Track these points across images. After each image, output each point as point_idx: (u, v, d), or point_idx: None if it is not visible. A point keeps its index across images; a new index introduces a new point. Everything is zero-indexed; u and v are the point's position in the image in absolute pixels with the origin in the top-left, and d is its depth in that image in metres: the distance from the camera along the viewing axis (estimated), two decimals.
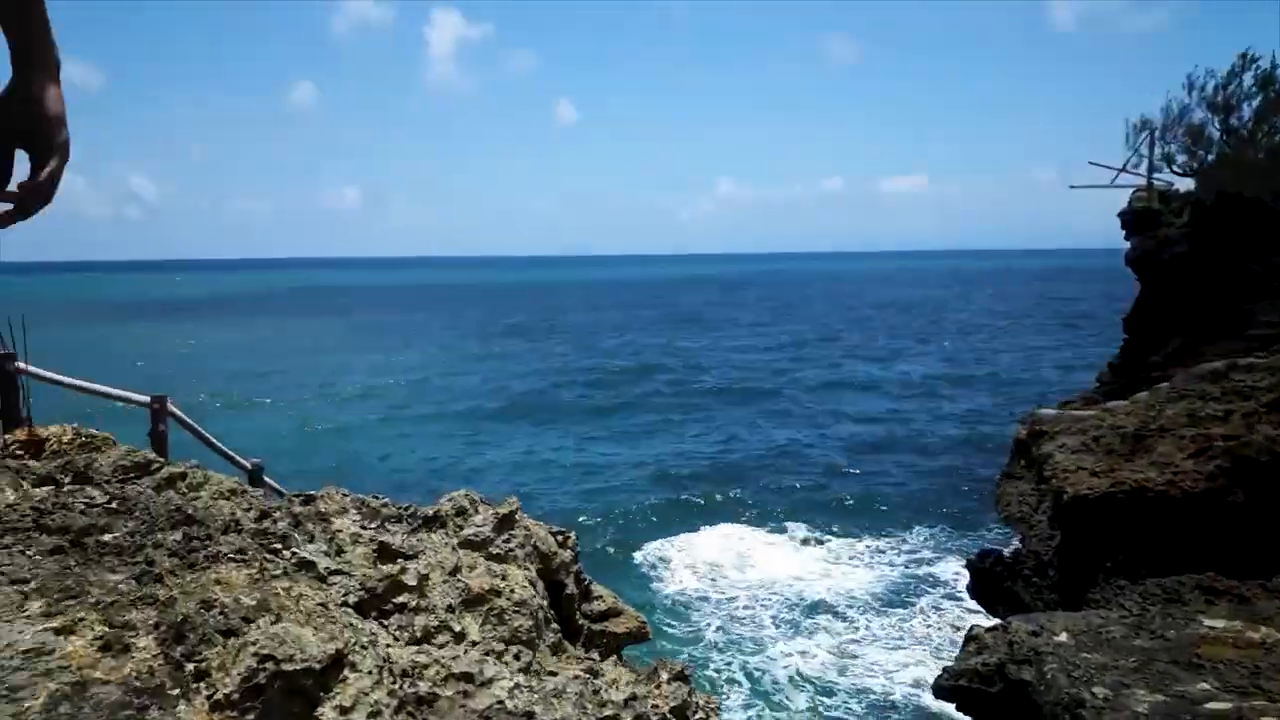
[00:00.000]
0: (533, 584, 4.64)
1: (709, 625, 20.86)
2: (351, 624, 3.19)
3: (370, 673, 2.97)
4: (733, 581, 23.22)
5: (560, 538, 5.72)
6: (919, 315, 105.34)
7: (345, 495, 4.72)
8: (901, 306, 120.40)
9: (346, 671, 2.91)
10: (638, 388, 54.23)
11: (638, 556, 25.51)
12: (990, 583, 15.49)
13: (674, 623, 20.97)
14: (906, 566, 23.05)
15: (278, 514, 4.01)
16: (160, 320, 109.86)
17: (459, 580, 4.08)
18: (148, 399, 10.23)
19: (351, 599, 3.59)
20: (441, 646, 3.66)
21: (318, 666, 2.78)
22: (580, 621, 5.61)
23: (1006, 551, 15.55)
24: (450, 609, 3.91)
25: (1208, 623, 11.71)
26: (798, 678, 17.97)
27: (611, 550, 25.88)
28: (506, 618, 4.08)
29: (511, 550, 4.92)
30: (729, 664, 18.87)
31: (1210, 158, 19.21)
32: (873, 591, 21.52)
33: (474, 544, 4.81)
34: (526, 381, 57.16)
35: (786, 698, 17.26)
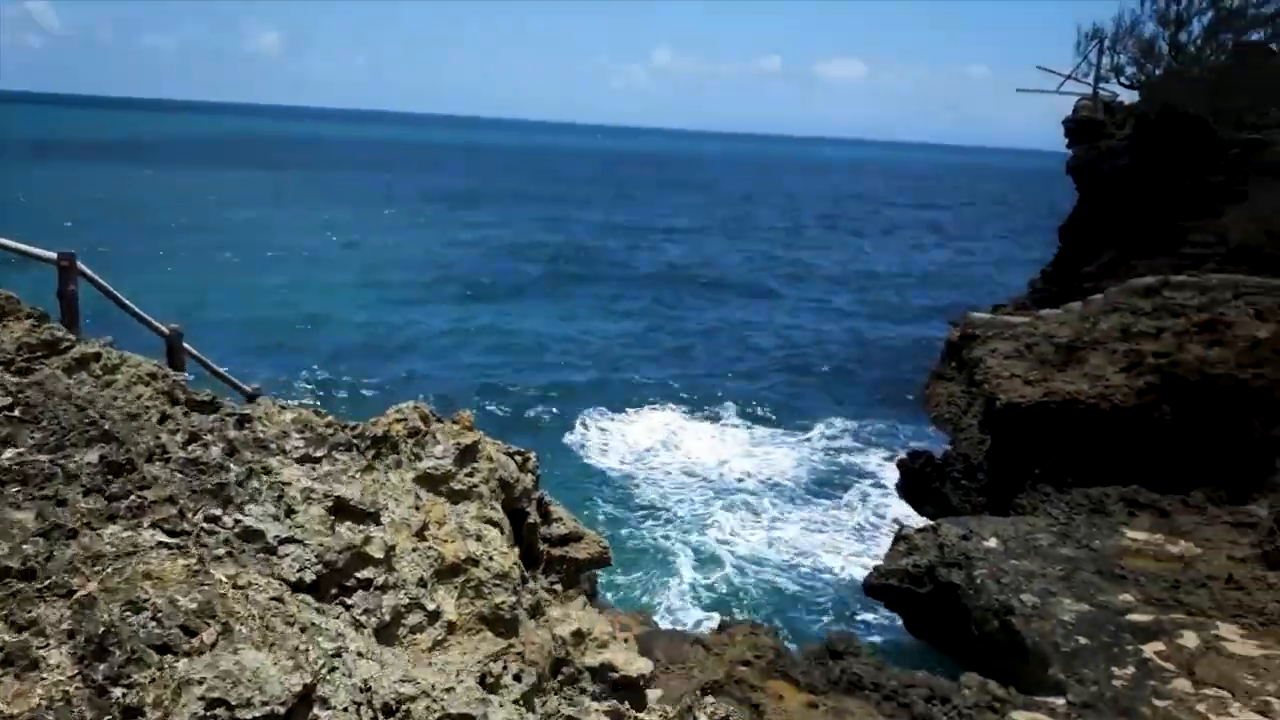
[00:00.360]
0: (499, 525, 4.26)
1: (642, 504, 21.06)
2: (314, 624, 2.62)
3: (345, 709, 2.40)
4: (664, 462, 23.38)
5: (520, 459, 5.41)
6: (855, 208, 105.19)
7: (283, 410, 4.18)
8: (838, 198, 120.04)
9: (317, 710, 2.32)
10: (571, 265, 53.44)
11: (571, 436, 25.48)
12: (920, 483, 15.78)
13: (609, 502, 21.12)
14: (833, 455, 23.39)
15: (209, 437, 3.44)
16: (65, 164, 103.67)
17: (429, 547, 3.54)
18: (54, 255, 9.50)
19: (309, 575, 3.03)
20: (417, 632, 3.17)
21: (281, 710, 2.18)
22: (541, 547, 5.38)
23: (937, 453, 15.78)
24: (421, 582, 3.43)
25: (1130, 534, 12.10)
26: (730, 555, 18.27)
27: (547, 428, 25.80)
28: (485, 592, 3.62)
29: (475, 486, 4.53)
30: (664, 540, 19.11)
31: (1158, 72, 19.11)
32: (799, 477, 21.83)
33: (434, 478, 4.37)
34: (457, 251, 55.78)
35: (721, 573, 17.54)
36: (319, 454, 3.82)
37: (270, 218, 63.15)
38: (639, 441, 25.05)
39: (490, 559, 3.70)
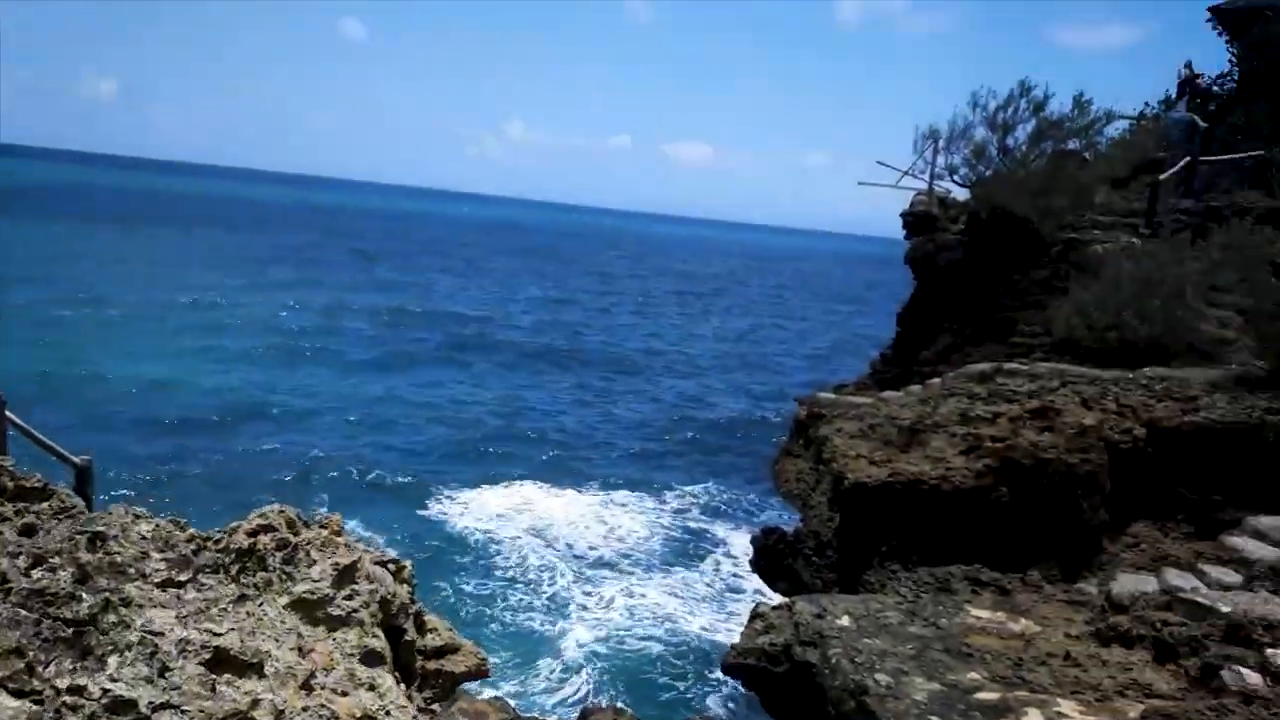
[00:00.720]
0: (384, 656, 3.96)
1: (500, 579, 20.56)
2: None
3: None
4: (522, 534, 23.04)
5: (394, 567, 5.14)
6: (707, 286, 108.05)
7: (138, 519, 3.79)
8: (691, 275, 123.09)
9: None
10: (423, 332, 52.51)
11: (425, 510, 24.77)
12: (773, 559, 15.96)
13: (467, 578, 20.51)
14: (688, 525, 23.60)
15: (57, 560, 3.03)
16: None
17: (322, 705, 3.27)
18: None
19: None
20: None
21: None
22: (418, 663, 5.07)
23: (788, 527, 16.03)
24: None
25: (974, 612, 12.51)
26: (591, 630, 17.96)
27: (402, 500, 25.04)
28: None
29: (355, 610, 4.26)
30: (524, 617, 18.62)
31: (988, 173, 20.49)
32: (654, 549, 21.89)
33: (311, 604, 4.08)
34: (308, 315, 54.08)
35: (582, 649, 17.20)
36: (183, 578, 3.45)
37: (112, 273, 59.76)
38: (496, 513, 24.60)
39: (387, 714, 3.38)
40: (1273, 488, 14.54)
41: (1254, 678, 10.11)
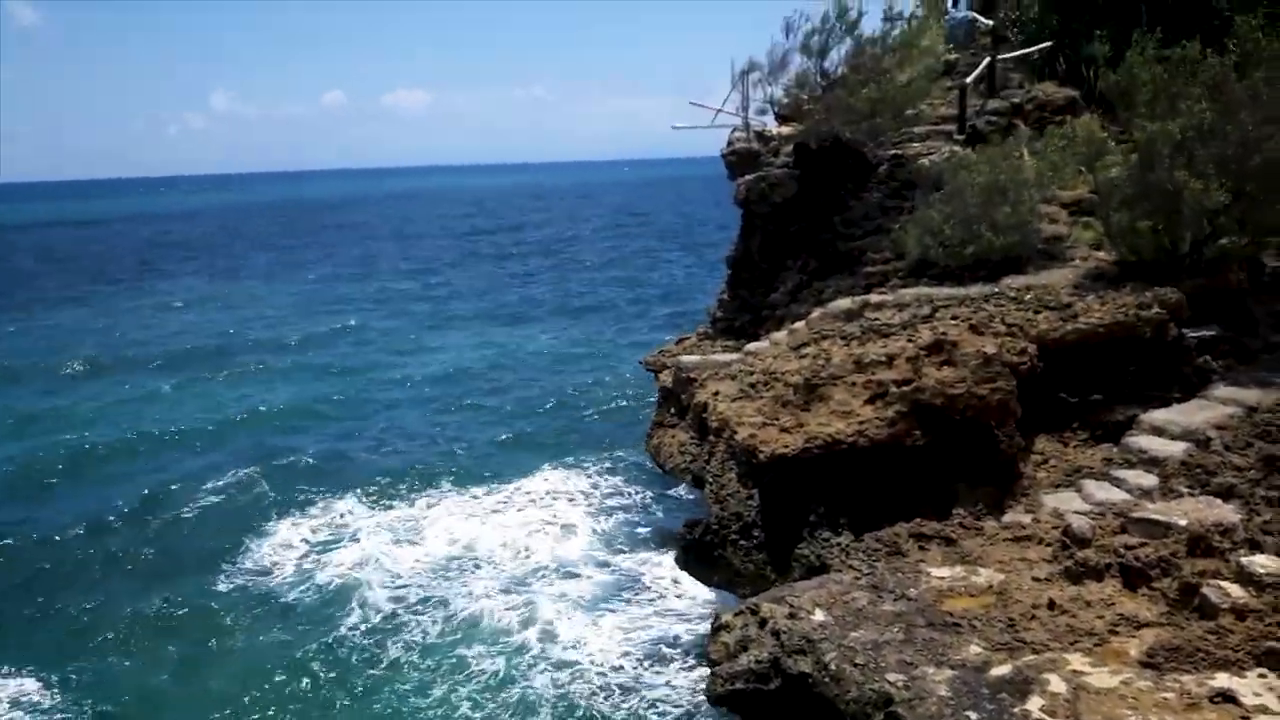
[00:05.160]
0: None
1: (385, 623, 18.57)
2: None
3: None
4: (395, 564, 20.93)
5: None
6: (485, 238, 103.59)
7: None
8: (456, 231, 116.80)
9: None
10: (185, 340, 47.39)
11: (243, 553, 22.00)
12: (702, 552, 15.03)
13: (323, 628, 18.32)
14: (588, 520, 22.31)
15: None
16: None
17: None
18: None
19: None
20: None
21: None
22: None
23: (711, 519, 15.13)
24: None
25: (934, 573, 12.07)
26: (522, 656, 16.57)
27: (222, 552, 22.04)
28: None
29: None
30: (445, 663, 16.91)
31: (810, 101, 20.00)
32: (560, 554, 20.52)
33: None
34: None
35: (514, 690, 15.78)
36: None
37: None
38: (318, 541, 22.33)
39: None
40: (1151, 383, 14.96)
41: (1236, 590, 10.13)
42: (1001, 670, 9.78)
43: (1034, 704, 9.14)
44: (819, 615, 11.11)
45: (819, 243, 19.89)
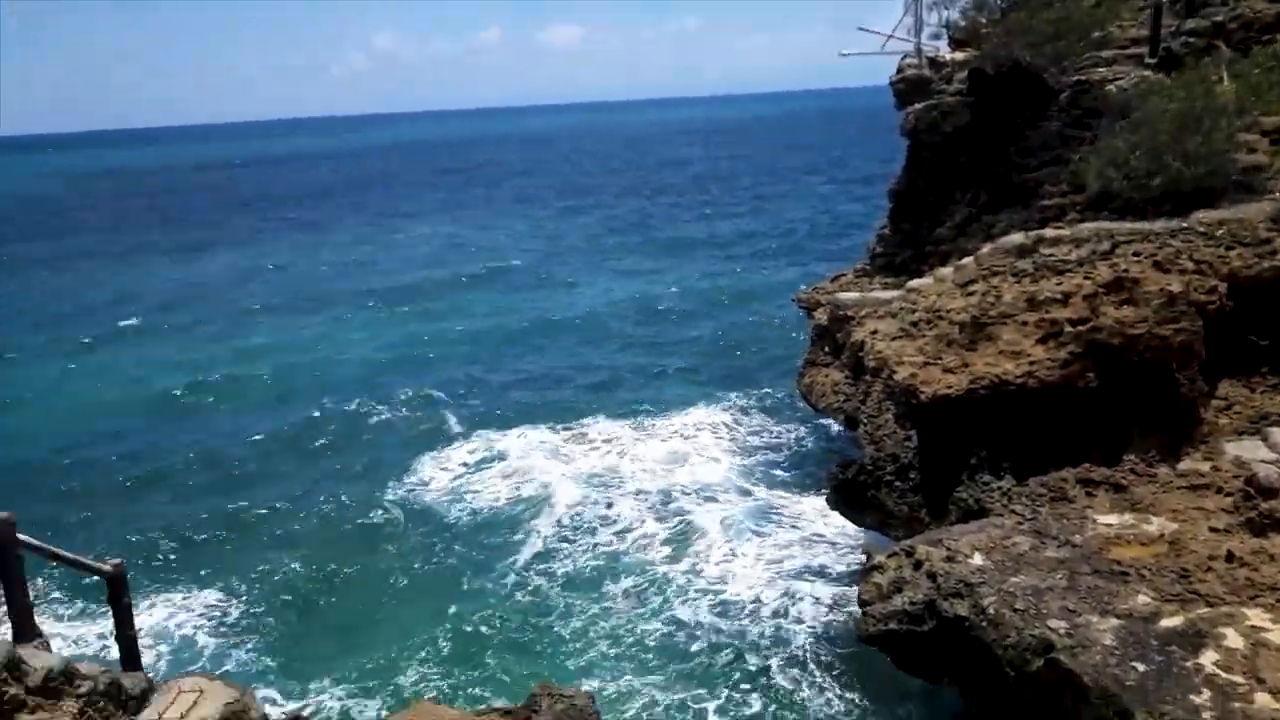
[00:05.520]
0: None
1: (535, 543, 19.23)
2: None
3: None
4: (548, 486, 21.61)
5: None
6: (639, 175, 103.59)
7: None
8: (614, 167, 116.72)
9: None
10: (352, 276, 49.58)
11: (414, 477, 23.03)
12: (855, 492, 14.85)
13: (488, 554, 19.09)
14: (737, 457, 22.43)
15: None
16: None
17: None
18: None
19: None
20: None
21: None
22: None
23: (866, 459, 14.89)
24: None
25: (1102, 520, 11.58)
26: (663, 596, 16.87)
27: (385, 475, 23.16)
28: None
29: None
30: (575, 589, 17.48)
31: (988, 25, 18.95)
32: (709, 484, 20.71)
33: None
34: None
35: (677, 626, 16.07)
36: None
37: None
38: (514, 466, 23.13)
39: None
40: None
41: None
42: (1172, 622, 9.32)
43: (1207, 658, 8.69)
44: (978, 559, 10.82)
45: (991, 174, 18.97)
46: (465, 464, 23.38)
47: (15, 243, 70.10)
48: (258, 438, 26.16)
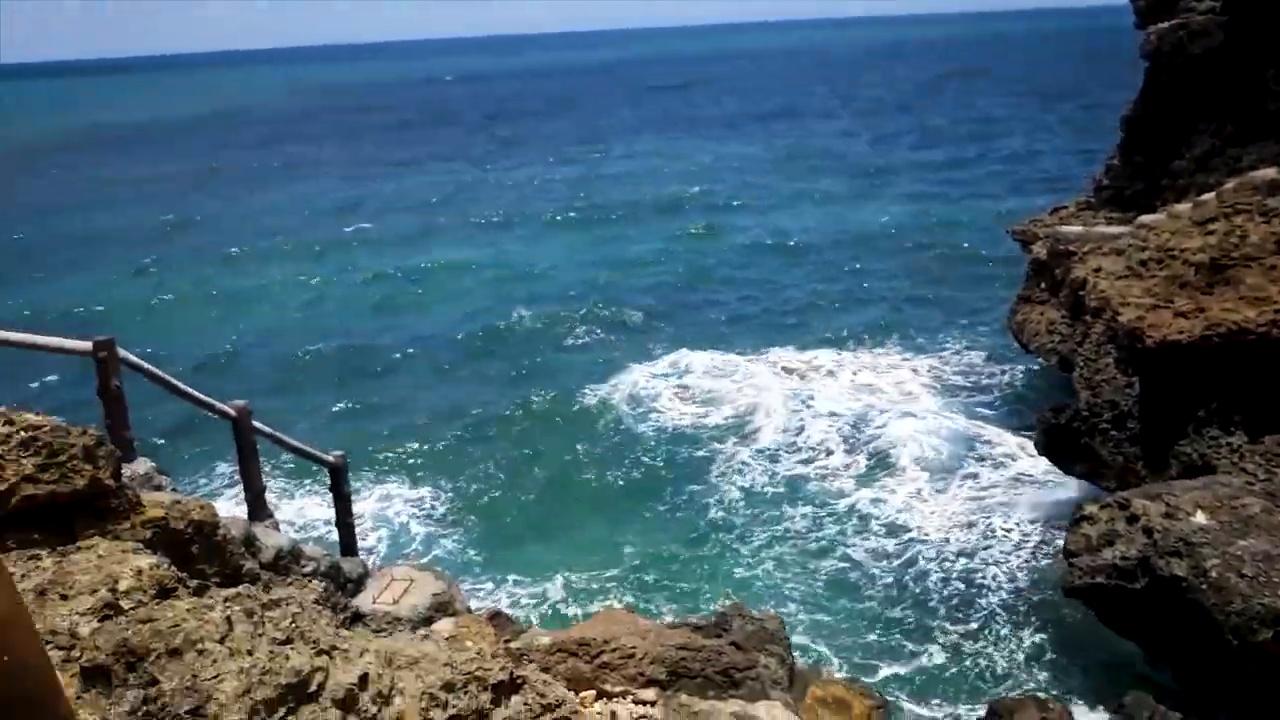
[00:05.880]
0: None
1: (723, 463, 19.35)
2: None
3: None
4: (732, 413, 21.64)
5: None
6: (856, 94, 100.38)
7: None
8: (832, 89, 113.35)
9: None
10: (572, 203, 50.58)
11: (608, 390, 23.50)
12: (1066, 439, 14.14)
13: (677, 470, 19.35)
14: (940, 398, 21.71)
15: None
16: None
17: None
18: (88, 345, 7.50)
19: None
20: None
21: None
22: None
23: (1082, 405, 14.11)
24: None
25: None
26: (900, 539, 16.54)
27: (581, 386, 23.78)
28: None
29: None
30: (754, 513, 17.49)
31: None
32: (921, 424, 20.15)
33: None
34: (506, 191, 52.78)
35: (895, 579, 15.75)
36: None
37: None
38: (699, 390, 23.22)
39: None
40: None
41: None
42: None
43: None
44: (1200, 518, 10.11)
45: (1241, 103, 17.26)
46: (659, 379, 23.67)
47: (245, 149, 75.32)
48: (467, 342, 27.45)
